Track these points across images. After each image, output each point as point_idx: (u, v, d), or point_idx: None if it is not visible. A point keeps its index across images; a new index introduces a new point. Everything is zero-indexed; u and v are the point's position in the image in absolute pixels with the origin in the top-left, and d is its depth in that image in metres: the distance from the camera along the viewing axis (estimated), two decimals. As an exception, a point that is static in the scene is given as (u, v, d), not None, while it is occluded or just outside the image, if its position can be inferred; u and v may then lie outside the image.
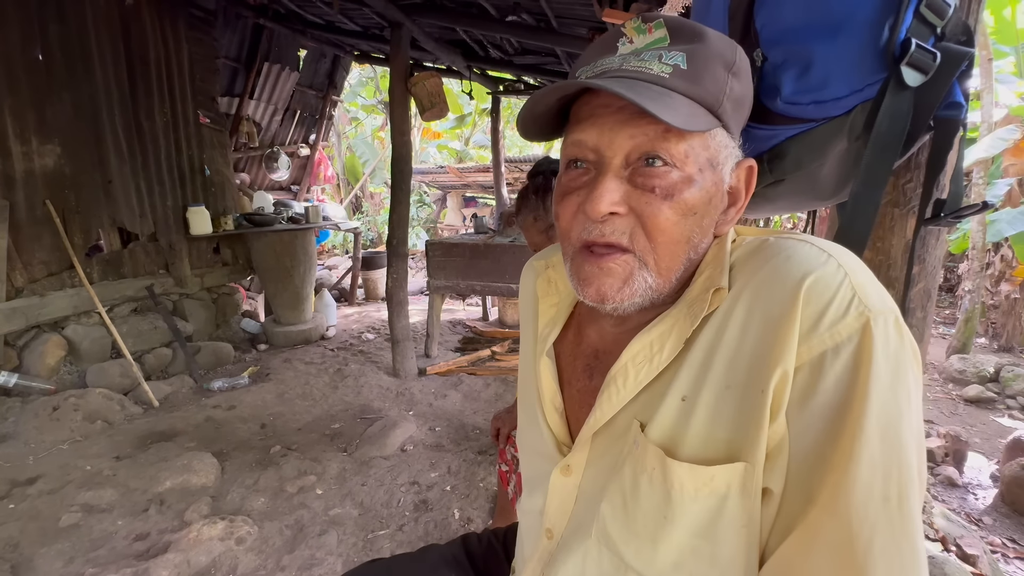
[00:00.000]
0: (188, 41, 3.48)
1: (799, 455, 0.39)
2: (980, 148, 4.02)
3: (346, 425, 2.62)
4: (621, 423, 0.48)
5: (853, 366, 0.38)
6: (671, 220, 0.44)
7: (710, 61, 0.45)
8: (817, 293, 0.39)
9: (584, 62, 0.49)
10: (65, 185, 2.80)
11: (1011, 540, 2.08)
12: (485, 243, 3.40)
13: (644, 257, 0.45)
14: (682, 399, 0.44)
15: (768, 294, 0.42)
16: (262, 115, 5.08)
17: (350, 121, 10.66)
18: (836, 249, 0.42)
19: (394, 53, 3.12)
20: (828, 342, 0.38)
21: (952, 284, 5.53)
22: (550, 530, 0.55)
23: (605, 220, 0.45)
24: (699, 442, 0.43)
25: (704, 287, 0.46)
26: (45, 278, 2.73)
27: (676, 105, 0.42)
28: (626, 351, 0.48)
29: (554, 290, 0.61)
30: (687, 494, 0.42)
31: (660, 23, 0.46)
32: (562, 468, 0.53)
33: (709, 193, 0.46)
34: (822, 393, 0.38)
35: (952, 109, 0.59)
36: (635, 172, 0.45)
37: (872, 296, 0.39)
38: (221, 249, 3.89)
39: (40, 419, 2.39)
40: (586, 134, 0.46)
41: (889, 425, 0.37)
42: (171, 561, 1.55)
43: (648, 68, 0.44)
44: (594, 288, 0.46)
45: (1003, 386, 3.48)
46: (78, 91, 2.82)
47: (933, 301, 0.83)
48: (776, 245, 0.44)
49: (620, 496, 0.47)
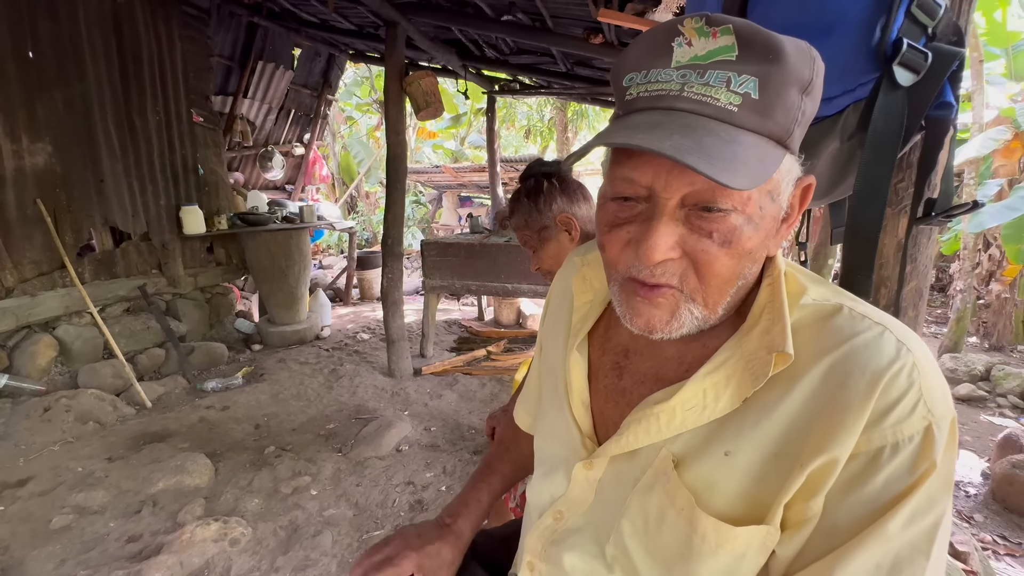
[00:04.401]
0: (181, 39, 3.45)
1: (825, 533, 0.41)
2: (971, 149, 4.06)
3: (341, 425, 2.61)
4: (649, 447, 0.48)
5: (910, 468, 0.39)
6: (727, 266, 0.42)
7: (785, 87, 0.39)
8: (889, 389, 0.39)
9: (633, 65, 0.43)
10: (56, 184, 2.77)
11: (1002, 537, 2.10)
12: (481, 243, 3.40)
13: (693, 295, 0.44)
14: (725, 453, 0.44)
15: (843, 379, 0.41)
16: (256, 114, 5.05)
17: (345, 120, 10.62)
18: (914, 343, 0.41)
19: (389, 52, 3.11)
20: (889, 439, 0.39)
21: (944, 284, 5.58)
22: (561, 512, 0.55)
23: (657, 264, 0.42)
24: (732, 498, 0.43)
25: (764, 344, 0.44)
26: (36, 278, 2.71)
27: (744, 156, 0.38)
28: (678, 395, 0.46)
29: (589, 287, 0.61)
30: (708, 546, 0.43)
31: (728, 29, 0.39)
32: (586, 464, 0.53)
33: (767, 230, 0.43)
34: (872, 486, 0.39)
35: (943, 109, 0.60)
36: (691, 213, 0.41)
37: (937, 399, 0.40)
38: (215, 249, 3.87)
39: (31, 420, 2.36)
40: (639, 173, 0.42)
41: (918, 519, 0.39)
42: (164, 563, 1.54)
43: (714, 98, 0.39)
44: (643, 320, 0.45)
45: (994, 385, 3.52)
46: (69, 89, 2.79)
47: (925, 300, 0.84)
48: (851, 323, 0.43)
49: (643, 519, 0.47)
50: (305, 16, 4.03)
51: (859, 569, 0.39)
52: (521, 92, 5.15)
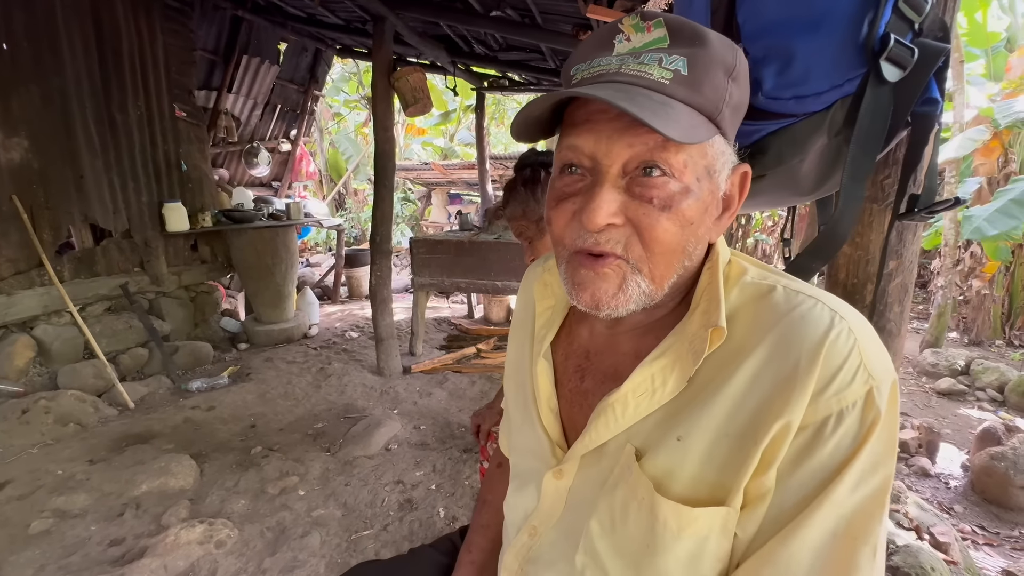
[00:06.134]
0: (163, 32, 3.38)
1: (779, 507, 0.41)
2: (951, 148, 4.13)
3: (329, 425, 2.58)
4: (613, 443, 0.49)
5: (855, 434, 0.40)
6: (668, 231, 0.43)
7: (711, 67, 0.43)
8: (831, 356, 0.40)
9: (579, 59, 0.47)
10: (33, 180, 2.70)
11: (980, 527, 2.15)
12: (470, 240, 3.39)
13: (639, 265, 0.45)
14: (677, 439, 0.45)
15: (784, 353, 0.42)
16: (241, 109, 4.97)
17: (333, 117, 10.51)
18: (846, 310, 0.43)
19: (377, 47, 3.08)
20: (834, 407, 0.40)
21: (925, 280, 5.68)
22: (535, 527, 0.55)
23: (601, 230, 0.44)
24: (688, 482, 0.44)
25: (703, 323, 0.46)
26: (12, 276, 2.63)
27: (677, 116, 0.41)
28: (628, 382, 0.47)
29: (550, 293, 0.61)
30: (670, 532, 0.44)
31: (660, 22, 0.43)
32: (555, 472, 0.53)
33: (705, 203, 0.45)
34: (818, 458, 0.40)
35: (928, 105, 0.60)
36: (632, 181, 0.44)
37: (875, 363, 0.41)
38: (199, 246, 3.80)
39: (8, 422, 2.31)
40: (582, 140, 0.44)
41: (865, 482, 0.40)
42: (148, 566, 1.51)
43: (648, 73, 0.42)
44: (589, 293, 0.46)
45: (973, 379, 3.60)
46: (46, 83, 2.72)
47: (910, 296, 0.85)
48: (787, 299, 0.44)
49: (609, 516, 0.48)
50: (291, 10, 3.97)
51: (814, 539, 0.39)
52: (510, 89, 5.13)
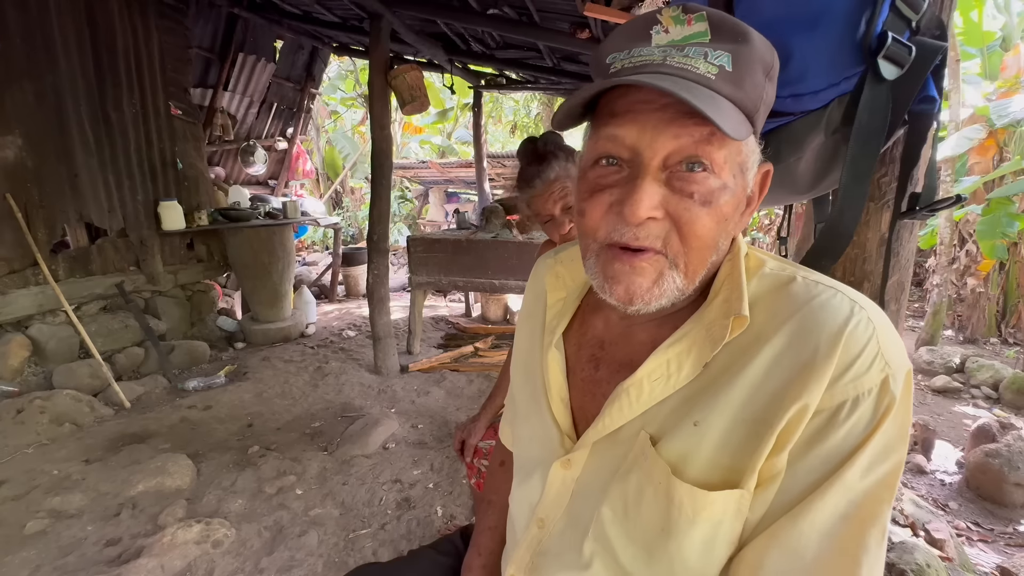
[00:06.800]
0: (158, 29, 3.36)
1: (789, 489, 0.42)
2: (947, 147, 4.15)
3: (327, 424, 2.58)
4: (627, 430, 0.49)
5: (867, 422, 0.40)
6: (707, 227, 0.43)
7: (753, 64, 0.43)
8: (850, 344, 0.41)
9: (615, 48, 0.45)
10: (27, 178, 2.68)
11: (975, 524, 2.17)
12: (467, 239, 3.38)
13: (676, 260, 0.44)
14: (694, 424, 0.45)
15: (803, 341, 0.42)
16: (237, 107, 4.94)
17: (329, 115, 10.47)
18: (865, 301, 0.44)
19: (374, 45, 3.06)
20: (850, 393, 0.40)
21: (921, 278, 5.71)
22: (542, 520, 0.55)
23: (641, 224, 0.43)
24: (704, 467, 0.44)
25: (723, 312, 0.46)
26: (7, 275, 2.61)
27: (725, 110, 0.40)
28: (643, 367, 0.47)
29: (562, 285, 0.61)
30: (685, 516, 0.44)
31: (702, 16, 0.43)
32: (563, 462, 0.52)
33: (738, 199, 0.45)
34: (831, 442, 0.41)
35: (926, 103, 0.60)
36: (673, 175, 0.43)
37: (893, 352, 0.41)
38: (195, 245, 3.79)
39: (3, 422, 2.29)
40: (624, 130, 0.43)
41: (876, 467, 0.41)
42: (144, 566, 1.50)
43: (694, 67, 0.41)
44: (623, 287, 0.45)
45: (968, 376, 3.62)
46: (40, 81, 2.69)
47: (906, 294, 0.85)
48: (807, 289, 0.45)
49: (622, 502, 0.47)
50: (287, 7, 3.94)
51: (824, 520, 0.40)
52: (508, 87, 5.12)
